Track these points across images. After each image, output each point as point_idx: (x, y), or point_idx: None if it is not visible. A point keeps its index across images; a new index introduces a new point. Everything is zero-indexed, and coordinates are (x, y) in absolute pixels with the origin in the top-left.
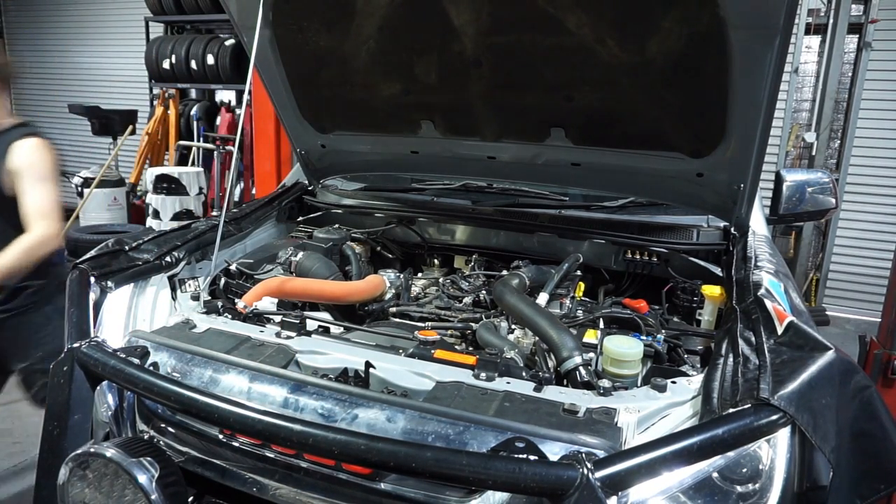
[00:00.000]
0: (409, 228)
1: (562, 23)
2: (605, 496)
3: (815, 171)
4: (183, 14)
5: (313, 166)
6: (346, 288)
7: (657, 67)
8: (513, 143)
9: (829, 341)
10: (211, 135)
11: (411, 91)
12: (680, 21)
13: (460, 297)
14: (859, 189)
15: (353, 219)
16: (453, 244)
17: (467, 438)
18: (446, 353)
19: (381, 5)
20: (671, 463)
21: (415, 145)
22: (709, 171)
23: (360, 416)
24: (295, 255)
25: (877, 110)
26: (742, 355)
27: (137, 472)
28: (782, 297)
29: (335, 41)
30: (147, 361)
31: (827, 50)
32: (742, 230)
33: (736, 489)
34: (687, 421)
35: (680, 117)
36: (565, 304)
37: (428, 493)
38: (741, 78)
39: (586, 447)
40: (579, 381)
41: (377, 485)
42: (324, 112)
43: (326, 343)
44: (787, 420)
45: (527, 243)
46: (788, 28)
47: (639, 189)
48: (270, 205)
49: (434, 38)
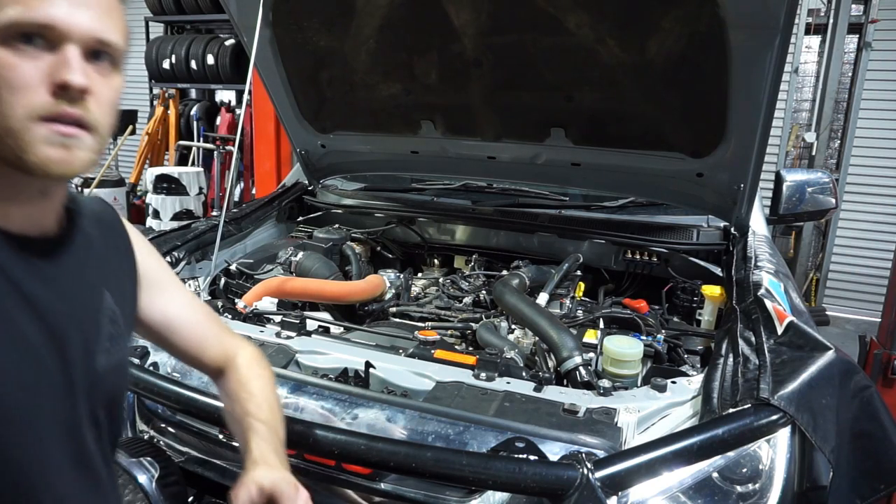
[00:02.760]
0: (409, 228)
1: (562, 23)
2: (605, 496)
3: (815, 171)
4: (183, 14)
5: (313, 166)
6: (345, 288)
7: (657, 67)
8: (513, 143)
9: (829, 341)
10: (211, 135)
11: (411, 91)
12: (680, 21)
13: (460, 297)
14: (859, 189)
15: (353, 219)
16: (453, 244)
17: (467, 438)
18: (446, 353)
19: (381, 5)
20: (671, 463)
21: (415, 145)
22: (709, 171)
23: (360, 416)
24: (295, 255)
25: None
26: (742, 355)
27: (137, 472)
28: (782, 297)
29: (335, 41)
30: (147, 361)
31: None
32: (742, 230)
33: (736, 489)
34: (687, 421)
35: (680, 117)
36: (565, 304)
37: (428, 493)
38: (741, 78)
39: (586, 447)
40: (579, 381)
41: (377, 485)
42: (324, 112)
43: (326, 343)
44: (787, 420)
45: (527, 243)
46: (788, 28)
47: (639, 189)
48: (270, 205)
49: (434, 38)
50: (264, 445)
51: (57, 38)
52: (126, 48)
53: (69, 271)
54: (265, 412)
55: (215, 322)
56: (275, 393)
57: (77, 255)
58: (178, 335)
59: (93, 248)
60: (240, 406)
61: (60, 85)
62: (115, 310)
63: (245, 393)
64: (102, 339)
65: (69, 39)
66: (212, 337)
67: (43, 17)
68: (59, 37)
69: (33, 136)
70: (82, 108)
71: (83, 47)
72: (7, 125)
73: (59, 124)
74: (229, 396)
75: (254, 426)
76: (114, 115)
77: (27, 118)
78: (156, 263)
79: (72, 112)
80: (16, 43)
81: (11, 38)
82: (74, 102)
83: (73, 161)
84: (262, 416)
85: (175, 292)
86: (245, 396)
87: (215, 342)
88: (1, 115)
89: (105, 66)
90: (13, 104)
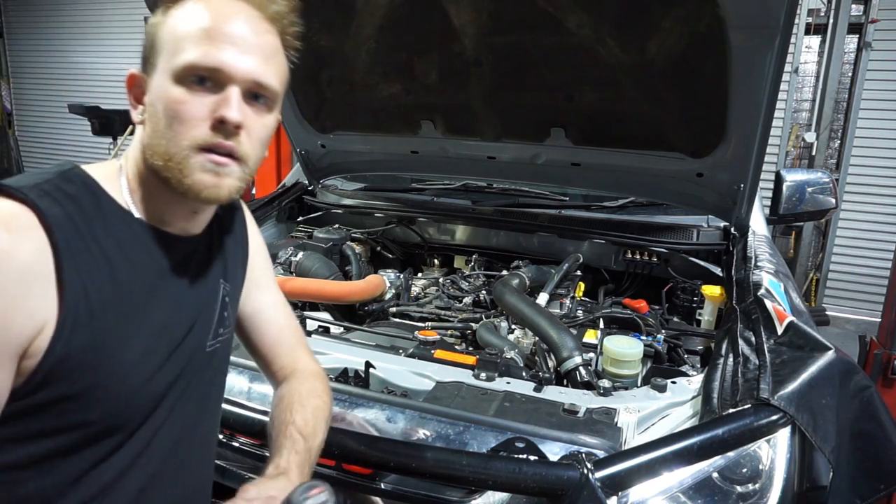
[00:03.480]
0: (409, 228)
1: (562, 23)
2: (605, 496)
3: (815, 171)
4: None
5: (313, 166)
6: (345, 288)
7: (657, 67)
8: (513, 143)
9: (829, 341)
10: None
11: (411, 91)
12: (680, 21)
13: (460, 297)
14: (859, 189)
15: (353, 219)
16: (453, 244)
17: (467, 438)
18: (446, 353)
19: (381, 5)
20: (671, 463)
21: (415, 145)
22: (709, 171)
23: (361, 416)
24: (295, 255)
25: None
26: (742, 355)
27: None
28: (782, 297)
29: (335, 41)
30: None
31: (827, 50)
32: (742, 230)
33: (736, 489)
34: (687, 421)
35: (680, 117)
36: (565, 304)
37: (428, 492)
38: (741, 78)
39: (586, 447)
40: (579, 381)
41: (377, 484)
42: (324, 112)
43: (326, 343)
44: (787, 420)
45: (527, 243)
46: (788, 28)
47: (639, 189)
48: (270, 205)
49: (434, 38)
50: (294, 458)
51: (223, 80)
52: (282, 91)
53: (202, 265)
54: (309, 428)
55: (295, 332)
56: (326, 418)
57: (210, 250)
58: (258, 332)
59: (222, 244)
60: (288, 415)
61: (220, 119)
62: (227, 299)
63: (298, 405)
64: (215, 325)
65: (233, 81)
66: (287, 345)
67: (214, 61)
68: (225, 79)
69: (192, 163)
70: (235, 141)
71: (244, 89)
72: (173, 152)
73: (214, 153)
74: (282, 403)
75: (293, 436)
76: (264, 149)
77: (189, 147)
78: (262, 260)
79: (226, 144)
80: (189, 82)
81: (187, 77)
82: (229, 136)
83: (221, 186)
84: (306, 432)
85: (269, 292)
86: (297, 408)
87: (289, 350)
88: (169, 143)
89: (261, 106)
90: (181, 134)
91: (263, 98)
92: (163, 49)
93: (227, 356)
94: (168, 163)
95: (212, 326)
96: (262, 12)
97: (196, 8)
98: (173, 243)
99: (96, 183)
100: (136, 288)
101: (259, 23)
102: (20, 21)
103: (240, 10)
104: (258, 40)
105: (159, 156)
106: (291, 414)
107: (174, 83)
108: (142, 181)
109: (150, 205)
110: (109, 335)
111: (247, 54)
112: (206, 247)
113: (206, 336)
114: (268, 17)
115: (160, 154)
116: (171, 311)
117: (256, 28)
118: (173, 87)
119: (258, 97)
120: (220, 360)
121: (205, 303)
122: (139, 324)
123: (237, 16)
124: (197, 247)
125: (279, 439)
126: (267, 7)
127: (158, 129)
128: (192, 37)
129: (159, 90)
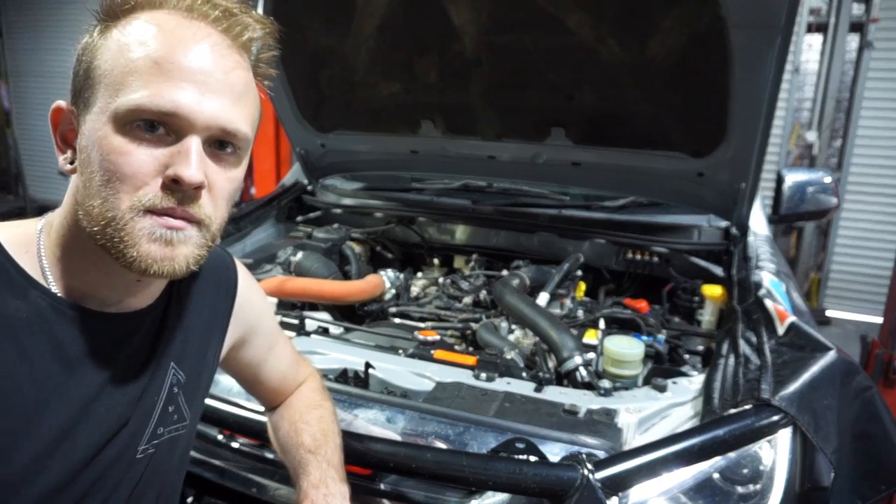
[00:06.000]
0: (409, 228)
1: (562, 22)
2: (606, 497)
3: (816, 170)
4: None
5: (313, 166)
6: (345, 288)
7: (658, 67)
8: (513, 143)
9: (830, 342)
10: None
11: (411, 91)
12: (681, 20)
13: (460, 297)
14: (861, 189)
15: (353, 218)
16: (453, 244)
17: (467, 439)
18: (446, 354)
19: (381, 5)
20: (672, 463)
21: (415, 145)
22: (709, 171)
23: (360, 416)
24: (294, 255)
25: (878, 109)
26: (743, 355)
27: None
28: (783, 297)
29: (335, 41)
30: None
31: (828, 49)
32: (743, 230)
33: (737, 490)
34: (688, 421)
35: (681, 117)
36: (566, 304)
37: (428, 493)
38: (742, 77)
39: (587, 448)
40: (580, 382)
41: (377, 485)
42: (323, 111)
43: (326, 343)
44: (789, 421)
45: (527, 243)
46: (789, 27)
47: (639, 189)
48: (270, 204)
49: (434, 37)
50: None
51: (180, 128)
52: (253, 136)
53: (141, 350)
54: (320, 440)
55: (295, 359)
56: (332, 420)
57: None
58: (262, 378)
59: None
60: (296, 436)
61: (174, 179)
62: (177, 390)
63: (302, 424)
64: (153, 425)
65: (192, 130)
66: (290, 378)
67: (168, 104)
68: (183, 126)
69: (137, 230)
70: (194, 206)
71: (206, 137)
72: (110, 216)
73: (166, 216)
74: (284, 426)
75: (307, 457)
76: (228, 208)
77: (131, 209)
78: (259, 310)
79: (180, 210)
80: (135, 128)
81: (132, 122)
82: (186, 200)
83: (175, 258)
84: (314, 446)
85: (270, 338)
86: (302, 427)
87: (293, 383)
88: (105, 204)
89: (228, 157)
90: (121, 194)
91: (231, 147)
92: (100, 82)
93: (178, 456)
94: (106, 228)
95: (147, 427)
96: (231, 39)
97: (146, 30)
98: (98, 324)
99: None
100: (27, 384)
101: (227, 54)
102: (20, 21)
103: (203, 35)
104: (226, 78)
105: (93, 219)
106: (298, 436)
107: (115, 129)
108: (69, 246)
109: (78, 276)
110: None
111: (211, 95)
112: (154, 325)
113: (135, 440)
114: (238, 46)
115: (94, 217)
116: (76, 414)
117: (224, 61)
118: (113, 135)
119: (224, 145)
120: (160, 464)
121: (138, 398)
122: (27, 431)
123: (200, 44)
124: (139, 326)
125: (298, 467)
126: (239, 34)
127: (92, 186)
128: (140, 69)
129: (95, 135)
